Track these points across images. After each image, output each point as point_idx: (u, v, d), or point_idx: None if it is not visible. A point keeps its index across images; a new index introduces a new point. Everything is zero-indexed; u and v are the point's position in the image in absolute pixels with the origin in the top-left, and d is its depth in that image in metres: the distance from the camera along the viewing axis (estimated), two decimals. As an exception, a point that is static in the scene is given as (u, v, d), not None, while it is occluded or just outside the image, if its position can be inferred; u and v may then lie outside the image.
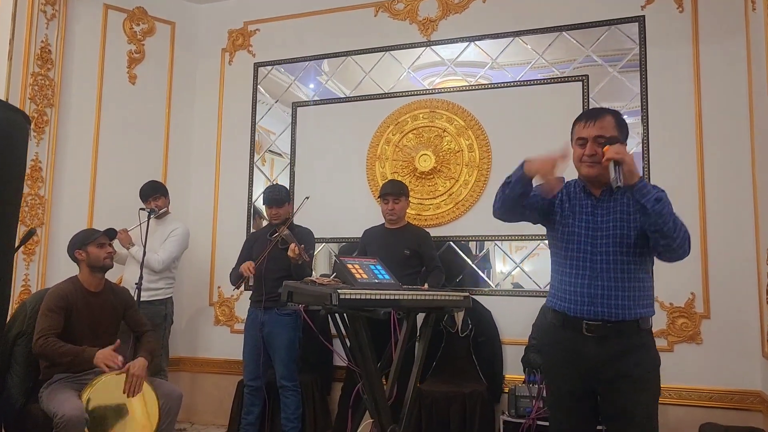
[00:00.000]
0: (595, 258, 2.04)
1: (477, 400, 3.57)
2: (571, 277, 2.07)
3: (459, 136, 4.26)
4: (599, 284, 2.01)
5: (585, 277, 2.04)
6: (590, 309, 2.01)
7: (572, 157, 2.13)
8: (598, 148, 2.04)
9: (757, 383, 3.45)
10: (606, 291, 2.00)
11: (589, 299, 2.01)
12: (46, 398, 2.76)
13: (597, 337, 2.00)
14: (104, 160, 4.29)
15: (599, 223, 2.06)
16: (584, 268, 2.05)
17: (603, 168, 2.01)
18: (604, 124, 2.06)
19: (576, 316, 2.03)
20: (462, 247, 4.21)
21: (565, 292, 2.08)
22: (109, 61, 4.40)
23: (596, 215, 2.08)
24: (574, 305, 2.04)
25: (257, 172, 4.81)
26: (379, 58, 4.55)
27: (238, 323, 4.58)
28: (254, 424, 3.89)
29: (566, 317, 2.06)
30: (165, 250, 4.00)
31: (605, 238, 2.04)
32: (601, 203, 2.09)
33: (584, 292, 2.03)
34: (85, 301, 2.96)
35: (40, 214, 3.90)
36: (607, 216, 2.06)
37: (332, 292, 2.26)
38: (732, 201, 3.59)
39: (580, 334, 2.02)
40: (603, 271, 2.02)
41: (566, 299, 2.07)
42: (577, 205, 2.12)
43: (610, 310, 1.99)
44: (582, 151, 2.08)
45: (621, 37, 3.98)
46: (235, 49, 4.96)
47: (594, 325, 2.00)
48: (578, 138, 2.11)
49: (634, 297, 2.01)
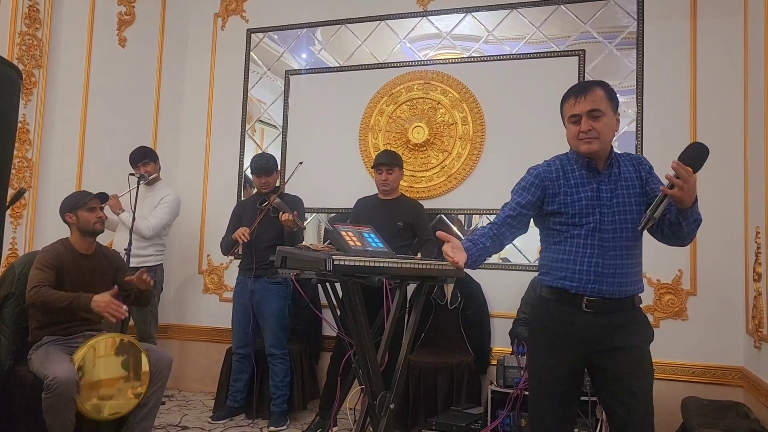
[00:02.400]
0: (603, 236, 1.99)
1: (464, 370, 3.62)
2: (575, 255, 2.01)
3: (453, 109, 4.24)
4: (607, 263, 1.97)
5: (593, 255, 1.98)
6: (594, 287, 1.97)
7: (568, 135, 2.08)
8: (594, 123, 1.98)
9: (740, 359, 3.52)
10: (612, 269, 1.97)
11: (596, 277, 1.97)
12: (35, 360, 2.74)
13: (596, 312, 1.99)
14: (93, 123, 4.22)
15: (603, 199, 2.01)
16: (591, 246, 1.99)
17: (603, 142, 2.00)
18: (594, 98, 2.00)
19: (578, 293, 2.00)
20: (453, 219, 4.22)
21: (567, 270, 2.02)
22: (99, 23, 4.30)
23: (600, 191, 2.02)
24: (578, 283, 1.99)
25: (248, 140, 4.76)
26: (374, 28, 4.50)
27: (227, 291, 4.57)
28: (242, 391, 3.92)
29: (565, 293, 2.02)
30: (155, 217, 3.97)
31: (610, 215, 1.99)
32: (605, 177, 2.04)
33: (590, 270, 1.98)
34: (76, 263, 2.94)
35: (28, 177, 3.84)
36: (613, 192, 2.02)
37: (327, 257, 2.25)
38: (723, 180, 3.61)
39: (578, 309, 2.00)
40: (609, 249, 1.98)
41: (568, 277, 2.01)
42: (578, 181, 2.04)
43: (613, 288, 1.97)
44: (577, 128, 2.01)
45: (618, 13, 3.96)
46: (228, 15, 4.87)
47: (594, 301, 1.98)
48: (571, 116, 2.04)
49: (632, 274, 2.01)
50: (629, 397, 1.97)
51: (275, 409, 3.77)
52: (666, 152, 3.64)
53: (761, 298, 3.12)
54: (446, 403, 3.56)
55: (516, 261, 4.06)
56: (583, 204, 2.02)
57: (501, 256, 4.14)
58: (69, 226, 3.03)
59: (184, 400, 4.39)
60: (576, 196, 2.03)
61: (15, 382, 2.76)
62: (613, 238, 1.99)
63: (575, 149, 2.07)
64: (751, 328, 3.33)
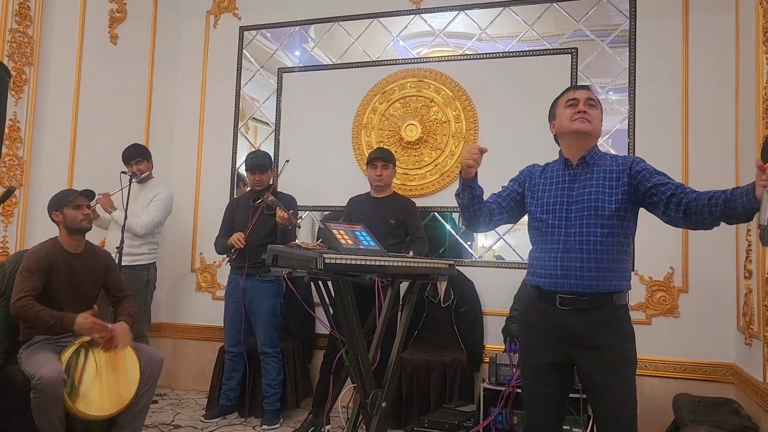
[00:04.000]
0: (569, 231, 2.02)
1: (457, 368, 3.62)
2: (545, 252, 2.07)
3: (446, 107, 4.24)
4: (573, 256, 2.00)
5: (558, 251, 2.03)
6: (564, 282, 2.01)
7: (559, 119, 2.15)
8: (590, 110, 2.08)
9: (731, 356, 3.53)
10: (579, 263, 1.99)
11: (563, 272, 2.01)
12: (25, 359, 2.72)
13: (571, 309, 2.01)
14: (84, 121, 4.20)
15: (574, 196, 2.06)
16: (557, 241, 2.04)
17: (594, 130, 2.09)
18: (591, 94, 2.14)
19: (550, 289, 2.04)
20: (446, 217, 4.22)
21: (540, 267, 2.08)
22: (90, 20, 4.27)
23: (572, 188, 2.08)
24: (548, 279, 2.04)
25: (241, 138, 4.75)
26: (367, 25, 4.49)
27: (219, 290, 4.56)
28: (235, 389, 3.91)
29: (541, 291, 2.07)
30: (148, 214, 3.95)
31: (580, 210, 2.03)
32: (579, 175, 2.09)
33: (557, 265, 2.02)
34: (66, 263, 2.91)
35: (19, 175, 3.81)
36: (584, 188, 2.05)
37: (318, 256, 2.24)
38: (715, 177, 3.62)
39: (554, 307, 2.03)
40: (576, 243, 2.01)
41: (541, 273, 2.07)
42: (553, 178, 2.14)
43: (583, 282, 1.99)
44: (573, 110, 2.09)
45: (611, 11, 3.97)
46: (221, 12, 4.85)
47: (568, 299, 2.00)
48: (569, 99, 2.12)
49: (608, 269, 2.00)
50: (609, 396, 1.98)
51: (268, 407, 3.77)
52: (658, 150, 3.70)
53: (752, 295, 3.13)
54: (439, 400, 3.57)
55: (509, 259, 4.07)
56: (551, 201, 2.09)
57: (495, 254, 4.15)
58: (57, 225, 3.01)
59: (177, 398, 4.38)
60: (547, 193, 2.12)
61: (6, 382, 2.75)
62: (581, 233, 2.01)
63: (567, 130, 2.12)
64: (742, 325, 3.35)
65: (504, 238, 4.09)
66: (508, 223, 2.31)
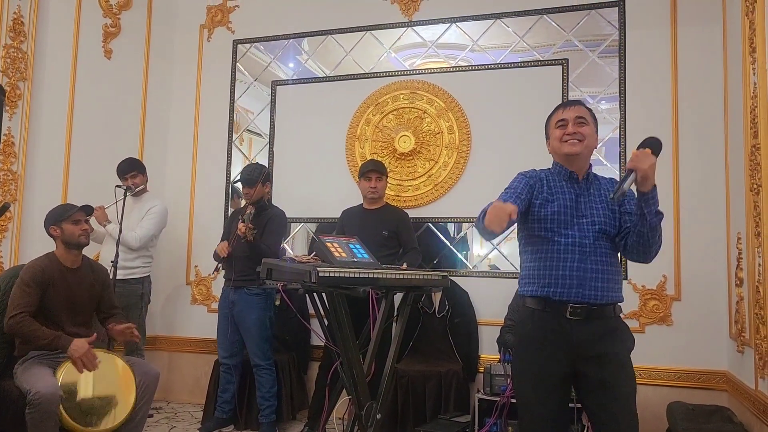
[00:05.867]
0: (583, 242, 2.04)
1: (452, 379, 3.63)
2: (557, 261, 2.05)
3: (439, 118, 4.27)
4: (589, 267, 2.02)
5: (575, 261, 2.02)
6: (579, 291, 2.00)
7: (551, 140, 2.16)
8: (579, 128, 2.08)
9: (724, 363, 3.55)
10: (595, 273, 2.01)
11: (578, 281, 2.01)
12: (20, 375, 2.72)
13: (580, 320, 2.01)
14: (79, 135, 4.21)
15: (582, 210, 2.08)
16: (573, 252, 2.03)
17: (586, 147, 2.09)
18: (581, 110, 2.14)
19: (561, 299, 2.03)
20: (440, 228, 4.24)
21: (550, 277, 2.05)
22: (84, 35, 4.30)
23: (579, 202, 2.09)
24: (561, 288, 2.03)
25: (235, 151, 4.77)
26: (360, 38, 4.53)
27: (215, 302, 4.56)
28: (230, 402, 3.91)
29: (549, 301, 2.05)
30: (142, 228, 3.96)
31: (589, 224, 2.05)
32: (584, 190, 2.11)
33: (573, 275, 2.01)
34: (63, 277, 2.91)
35: (13, 190, 3.83)
36: (590, 203, 2.09)
37: (311, 269, 2.26)
38: (705, 186, 3.67)
39: (563, 317, 2.02)
40: (591, 254, 2.03)
41: (550, 283, 2.05)
42: (558, 190, 2.11)
43: (596, 293, 2.01)
44: (562, 131, 2.10)
45: (601, 22, 4.01)
46: (214, 26, 4.89)
47: (579, 308, 2.01)
48: (558, 120, 2.13)
49: (613, 281, 2.05)
50: (613, 404, 1.99)
51: (263, 420, 3.76)
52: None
53: (743, 303, 3.16)
54: (435, 411, 3.57)
55: (503, 269, 4.09)
56: (563, 210, 2.07)
57: (490, 264, 4.16)
58: (54, 240, 3.01)
59: (173, 411, 4.37)
60: (556, 202, 2.08)
61: (0, 397, 2.74)
62: (594, 244, 2.04)
63: (558, 152, 2.14)
64: (734, 332, 3.37)
65: (498, 248, 4.11)
66: None
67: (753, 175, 2.89)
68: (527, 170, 2.20)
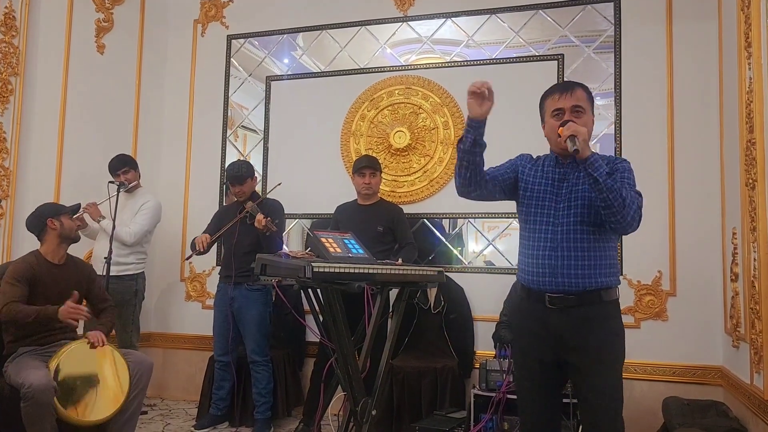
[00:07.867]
0: (555, 229, 2.04)
1: (448, 374, 3.62)
2: (532, 249, 2.08)
3: (434, 113, 4.26)
4: (559, 254, 2.01)
5: (546, 249, 2.03)
6: (552, 280, 2.01)
7: (547, 129, 2.15)
8: (576, 118, 2.04)
9: (719, 359, 3.56)
10: (566, 261, 2.00)
11: (550, 270, 2.02)
12: (11, 371, 2.71)
13: (560, 308, 2.01)
14: (71, 131, 4.17)
15: (563, 195, 2.06)
16: (545, 239, 2.04)
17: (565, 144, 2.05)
18: (578, 96, 2.09)
19: (539, 288, 2.04)
20: (436, 224, 4.23)
21: (528, 265, 2.09)
22: (77, 30, 4.25)
23: (562, 187, 2.08)
24: (537, 277, 2.05)
25: (230, 147, 4.74)
26: (355, 33, 4.51)
27: (209, 299, 4.54)
28: (225, 399, 3.89)
29: (530, 292, 2.08)
30: (136, 223, 3.93)
31: (567, 208, 2.04)
32: (568, 174, 2.09)
33: (545, 264, 2.03)
34: (50, 273, 2.93)
35: (5, 186, 3.79)
36: (575, 186, 2.06)
37: (306, 265, 2.25)
38: (700, 181, 3.66)
39: (544, 306, 2.03)
40: (563, 241, 2.02)
41: (529, 272, 2.08)
42: (544, 176, 2.12)
43: (570, 280, 2.00)
44: (559, 122, 2.06)
45: (596, 18, 4.00)
46: (208, 21, 4.85)
47: (556, 298, 2.01)
48: (554, 110, 2.10)
49: (595, 266, 2.01)
50: (591, 394, 1.99)
51: (259, 416, 3.75)
52: (644, 154, 3.72)
53: (738, 298, 3.16)
54: (430, 407, 3.56)
55: (499, 264, 4.08)
56: (540, 195, 2.09)
57: (485, 259, 4.16)
58: (46, 233, 3.02)
59: (167, 408, 4.35)
60: (536, 186, 2.12)
61: (-8, 395, 2.73)
62: (567, 231, 2.03)
63: (553, 143, 2.13)
64: (729, 327, 3.37)
65: (493, 244, 4.10)
66: (498, 199, 2.21)
67: (748, 170, 2.88)
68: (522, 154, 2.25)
